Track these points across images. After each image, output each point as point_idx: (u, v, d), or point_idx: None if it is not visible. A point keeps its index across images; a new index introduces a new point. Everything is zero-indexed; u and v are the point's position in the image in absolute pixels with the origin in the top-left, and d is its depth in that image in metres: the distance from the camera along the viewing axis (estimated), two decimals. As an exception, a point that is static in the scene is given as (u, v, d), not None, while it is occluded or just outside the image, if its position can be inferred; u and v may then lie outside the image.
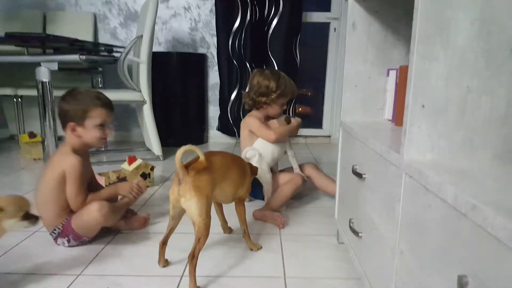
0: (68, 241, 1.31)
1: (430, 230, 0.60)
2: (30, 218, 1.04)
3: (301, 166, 1.84)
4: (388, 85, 1.25)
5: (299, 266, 1.22)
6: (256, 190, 1.72)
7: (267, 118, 1.81)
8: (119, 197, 1.49)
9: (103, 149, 2.86)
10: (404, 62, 1.26)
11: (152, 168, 2.03)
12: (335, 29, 3.30)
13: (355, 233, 1.04)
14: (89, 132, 1.33)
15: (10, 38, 2.09)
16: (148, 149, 2.79)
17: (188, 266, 1.07)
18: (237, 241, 1.39)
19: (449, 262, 0.54)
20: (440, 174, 0.60)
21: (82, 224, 1.28)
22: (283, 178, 1.75)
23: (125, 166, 1.98)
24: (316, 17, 3.30)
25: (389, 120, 1.26)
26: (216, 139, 3.37)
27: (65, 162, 1.28)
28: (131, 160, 1.98)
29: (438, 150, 0.68)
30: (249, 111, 1.85)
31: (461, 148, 0.68)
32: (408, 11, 1.21)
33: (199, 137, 3.27)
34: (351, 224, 1.08)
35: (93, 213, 1.27)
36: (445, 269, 0.55)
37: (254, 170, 1.41)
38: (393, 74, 1.23)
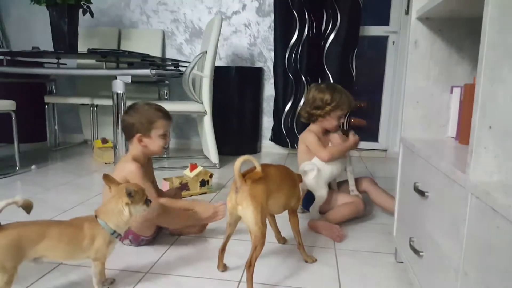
0: (130, 241, 1.43)
1: (498, 252, 0.60)
2: (147, 202, 1.15)
3: (357, 180, 1.83)
4: (451, 102, 1.24)
5: (356, 282, 1.23)
6: (310, 203, 1.75)
7: (325, 132, 1.82)
8: None
9: (165, 155, 3.04)
10: (468, 79, 1.23)
11: (211, 176, 2.13)
12: (393, 42, 3.25)
13: (416, 252, 1.03)
14: (154, 141, 1.44)
15: (92, 53, 2.33)
16: (206, 157, 2.93)
17: (245, 273, 1.12)
18: (292, 252, 1.42)
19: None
20: (509, 195, 0.60)
21: (136, 223, 1.37)
22: (342, 199, 1.73)
23: (187, 172, 2.10)
24: (374, 31, 3.27)
25: (453, 137, 1.23)
26: (269, 149, 3.43)
27: (125, 169, 1.39)
28: (193, 167, 2.10)
29: (506, 172, 0.68)
30: (306, 125, 1.87)
31: (532, 170, 0.67)
32: (472, 30, 1.20)
33: (253, 147, 3.36)
34: (412, 243, 1.07)
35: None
36: (512, 291, 0.55)
37: (300, 178, 1.46)
38: (457, 91, 1.21)
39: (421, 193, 1.01)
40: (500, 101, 0.67)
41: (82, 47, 2.80)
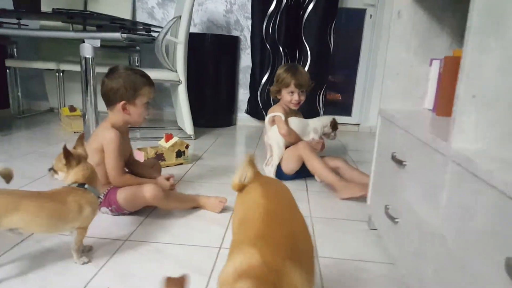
0: (111, 211, 1.39)
1: (477, 215, 0.62)
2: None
3: (329, 159, 1.90)
4: (430, 74, 1.26)
5: (331, 248, 1.27)
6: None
7: (290, 111, 1.97)
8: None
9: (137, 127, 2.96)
10: (447, 52, 1.25)
11: (187, 147, 2.10)
12: (371, 15, 3.25)
13: (391, 218, 1.07)
14: (138, 110, 1.38)
15: (57, 14, 2.17)
16: (180, 128, 2.87)
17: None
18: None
19: (497, 245, 0.56)
20: (490, 162, 0.62)
21: (130, 198, 1.35)
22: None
23: (162, 143, 2.05)
24: (352, 2, 3.25)
25: (429, 109, 1.26)
26: (244, 122, 3.41)
27: (104, 136, 1.35)
28: (168, 137, 2.06)
29: (486, 140, 0.70)
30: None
31: (509, 138, 0.70)
32: (453, 1, 1.21)
33: (228, 120, 3.32)
34: (387, 210, 1.11)
35: (146, 193, 1.34)
36: (492, 251, 0.58)
37: None
38: (436, 63, 1.23)
39: (399, 162, 1.04)
40: (486, 71, 0.68)
41: (45, 7, 2.61)
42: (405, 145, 1.02)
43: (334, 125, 2.02)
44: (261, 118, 3.28)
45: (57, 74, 2.97)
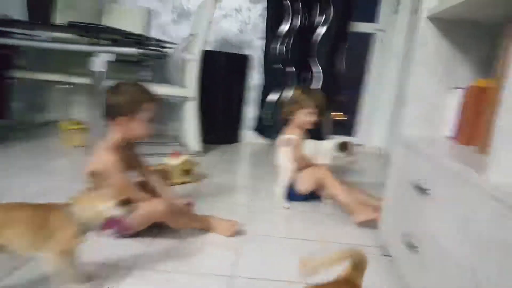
0: (115, 233, 1.33)
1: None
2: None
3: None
4: (451, 102, 1.25)
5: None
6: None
7: (305, 131, 1.97)
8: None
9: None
10: (468, 81, 1.25)
11: (195, 165, 2.07)
12: (382, 40, 3.28)
13: (410, 246, 1.04)
14: (139, 125, 1.35)
15: (73, 27, 2.19)
16: (180, 144, 2.82)
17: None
18: (271, 243, 1.41)
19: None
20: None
21: (138, 215, 1.28)
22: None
23: (169, 160, 1.99)
24: (362, 27, 3.29)
25: (449, 137, 1.25)
26: (249, 139, 3.39)
27: (102, 160, 1.29)
28: (174, 155, 2.01)
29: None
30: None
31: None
32: (477, 32, 1.22)
33: (234, 137, 3.30)
34: (406, 238, 1.08)
35: (157, 207, 1.31)
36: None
37: None
38: (457, 92, 1.23)
39: (422, 191, 1.02)
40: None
41: (59, 20, 2.62)
42: (430, 173, 1.01)
43: (342, 147, 2.00)
44: (267, 136, 3.27)
45: (62, 86, 2.94)
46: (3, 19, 2.36)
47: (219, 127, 3.17)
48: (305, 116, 1.92)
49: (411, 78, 1.26)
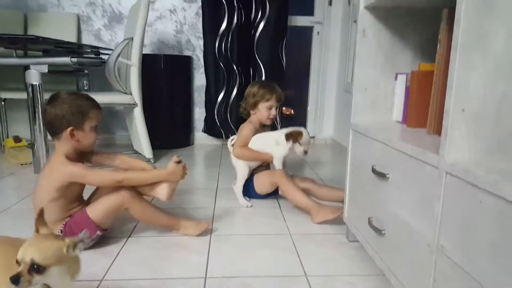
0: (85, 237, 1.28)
1: (479, 225, 0.65)
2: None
3: (297, 180, 1.86)
4: (396, 88, 1.32)
5: (317, 264, 1.26)
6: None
7: (262, 126, 1.95)
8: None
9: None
10: (411, 66, 1.33)
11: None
12: (318, 32, 3.39)
13: (377, 230, 1.09)
14: (87, 135, 1.31)
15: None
16: (137, 152, 2.75)
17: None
18: (252, 242, 1.42)
19: (507, 254, 0.59)
20: (488, 173, 0.65)
21: (103, 209, 1.29)
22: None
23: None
24: (300, 21, 3.37)
25: (398, 121, 1.32)
26: (202, 141, 3.36)
27: (65, 173, 1.25)
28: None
29: (477, 152, 0.74)
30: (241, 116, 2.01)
31: (497, 150, 0.74)
32: (413, 19, 1.29)
33: (186, 140, 3.25)
34: (371, 222, 1.13)
35: (119, 196, 1.31)
36: (502, 260, 0.60)
37: None
38: (402, 78, 1.29)
39: (381, 175, 1.07)
40: (472, 86, 0.72)
41: (-21, 32, 2.39)
42: (386, 158, 1.06)
43: (289, 136, 1.82)
44: (218, 135, 3.25)
45: (-4, 103, 2.72)
46: None
47: (168, 131, 3.09)
48: (266, 111, 1.89)
49: (355, 68, 1.31)
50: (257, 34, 3.08)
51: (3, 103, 2.74)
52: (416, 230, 0.88)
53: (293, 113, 4.05)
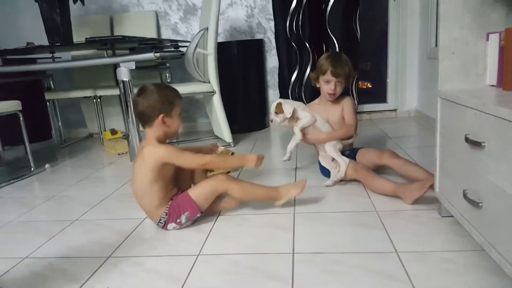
0: (180, 223, 1.41)
1: None
2: None
3: (374, 155, 1.78)
4: (488, 49, 1.20)
5: (408, 241, 1.22)
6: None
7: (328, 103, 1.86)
8: None
9: (174, 139, 2.98)
10: (505, 24, 1.19)
11: (232, 154, 2.09)
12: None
13: (474, 203, 1.02)
14: (175, 121, 1.45)
15: (91, 42, 2.23)
16: (217, 137, 2.89)
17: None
18: (337, 219, 1.42)
19: None
20: None
21: (205, 191, 1.44)
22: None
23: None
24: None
25: (492, 85, 1.20)
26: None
27: (159, 154, 1.38)
28: (212, 149, 2.05)
29: None
30: (315, 94, 1.96)
31: None
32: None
33: (261, 123, 3.30)
34: (468, 195, 1.06)
35: (215, 180, 1.45)
36: None
37: None
38: (494, 37, 1.17)
39: (476, 144, 0.99)
40: None
41: (75, 38, 2.69)
42: (481, 125, 0.98)
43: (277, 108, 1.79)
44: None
45: (94, 100, 3.05)
46: (29, 47, 2.44)
47: (245, 115, 3.18)
48: (324, 85, 1.79)
49: (440, 31, 1.21)
50: (329, 8, 2.98)
51: (99, 100, 3.06)
52: (521, 201, 0.81)
53: (370, 86, 3.89)
